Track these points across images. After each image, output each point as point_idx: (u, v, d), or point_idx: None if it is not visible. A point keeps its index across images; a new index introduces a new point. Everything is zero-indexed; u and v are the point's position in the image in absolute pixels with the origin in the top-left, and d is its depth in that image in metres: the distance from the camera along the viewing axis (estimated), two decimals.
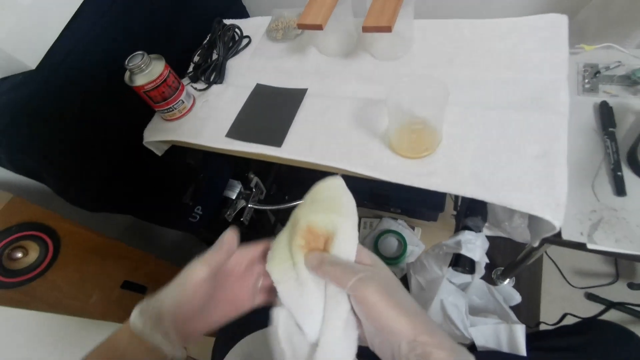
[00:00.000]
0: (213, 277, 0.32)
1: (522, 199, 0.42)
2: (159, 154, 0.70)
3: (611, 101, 0.50)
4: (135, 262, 0.87)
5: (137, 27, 0.65)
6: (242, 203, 0.89)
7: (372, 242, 1.15)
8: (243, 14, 1.01)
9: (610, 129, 0.47)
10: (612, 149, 0.46)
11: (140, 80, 0.58)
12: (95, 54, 0.59)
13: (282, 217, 1.15)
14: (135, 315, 0.31)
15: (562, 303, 1.06)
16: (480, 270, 0.56)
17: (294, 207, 0.37)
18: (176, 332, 0.31)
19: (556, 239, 0.43)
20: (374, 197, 1.01)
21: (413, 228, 1.16)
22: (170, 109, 0.63)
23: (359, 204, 0.50)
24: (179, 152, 0.70)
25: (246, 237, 0.84)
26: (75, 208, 0.67)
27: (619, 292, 1.01)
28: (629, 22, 0.65)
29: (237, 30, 0.73)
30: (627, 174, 0.44)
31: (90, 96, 0.60)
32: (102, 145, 0.64)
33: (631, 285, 0.97)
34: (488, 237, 0.92)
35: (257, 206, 0.90)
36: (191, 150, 0.66)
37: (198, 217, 0.79)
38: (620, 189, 0.43)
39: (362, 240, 1.19)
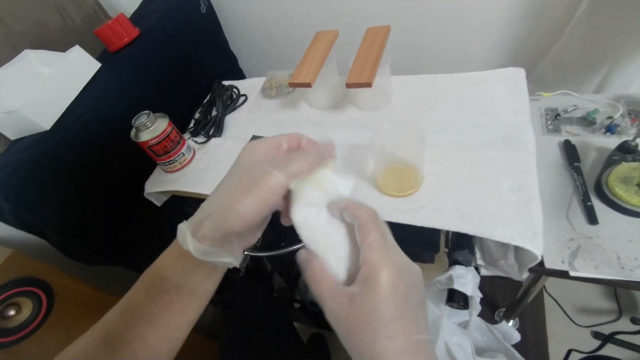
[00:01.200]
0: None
1: (502, 230, 0.45)
2: (159, 204, 0.73)
3: (573, 139, 0.55)
4: None
5: (146, 91, 0.72)
6: None
7: None
8: (240, 76, 1.11)
9: (576, 164, 0.52)
10: (579, 181, 0.50)
11: (145, 137, 0.63)
12: (105, 115, 0.65)
13: (279, 265, 1.14)
14: (193, 242, 0.26)
15: (570, 343, 1.03)
16: (476, 306, 0.57)
17: (290, 252, 0.36)
18: (241, 247, 0.28)
19: (540, 268, 0.45)
20: None
21: None
22: (172, 162, 0.68)
23: None
24: (178, 202, 0.73)
25: (242, 286, 0.83)
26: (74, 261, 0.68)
27: (624, 328, 0.98)
28: (580, 73, 0.75)
29: (234, 89, 0.81)
30: (597, 203, 0.48)
31: (98, 154, 0.65)
32: (104, 200, 0.67)
33: (634, 320, 0.96)
34: (486, 277, 0.93)
35: (253, 253, 0.90)
36: (190, 200, 0.69)
37: None
38: (592, 218, 0.46)
39: None
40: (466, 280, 0.50)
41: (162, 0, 0.84)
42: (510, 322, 0.90)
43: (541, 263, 0.45)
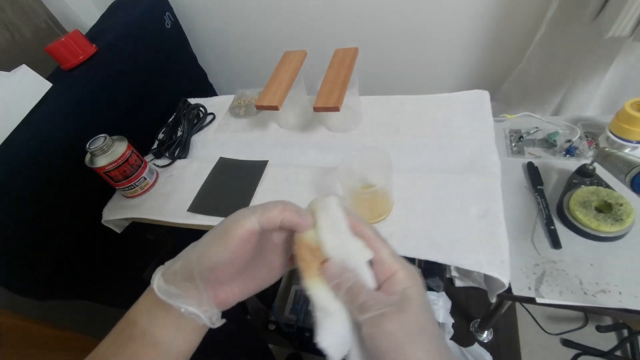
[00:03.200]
0: (260, 234, 0.27)
1: (472, 259, 0.45)
2: (119, 231, 0.68)
3: (536, 161, 0.57)
4: (87, 353, 0.78)
5: (103, 112, 0.68)
6: None
7: None
8: (210, 91, 1.08)
9: (539, 187, 0.53)
10: (542, 204, 0.51)
11: (101, 162, 0.59)
12: (57, 139, 0.60)
13: None
14: (158, 280, 0.26)
15: (541, 352, 1.05)
16: (448, 329, 0.56)
17: None
18: (210, 297, 0.27)
19: (508, 294, 0.45)
20: None
21: None
22: (132, 187, 0.64)
23: None
24: (139, 227, 0.69)
25: None
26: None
27: (590, 335, 1.02)
28: (542, 93, 0.77)
29: (201, 108, 0.78)
30: (560, 227, 0.49)
31: (47, 181, 0.60)
32: (56, 229, 0.62)
33: (599, 328, 0.99)
34: (460, 288, 0.93)
35: None
36: (153, 227, 0.65)
37: None
38: (555, 242, 0.47)
39: None
40: (438, 306, 0.49)
41: (122, 15, 0.80)
42: (485, 333, 0.90)
43: (509, 289, 0.45)
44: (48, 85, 0.63)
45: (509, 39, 0.79)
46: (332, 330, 0.26)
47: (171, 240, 0.78)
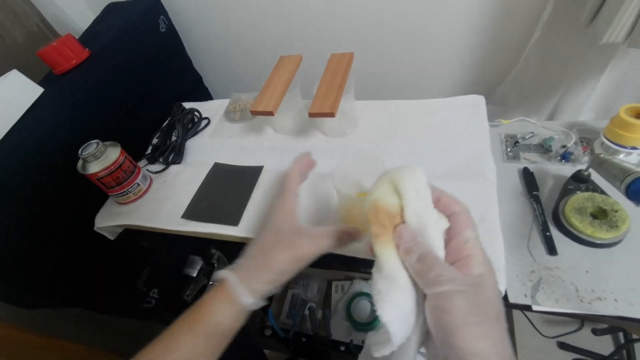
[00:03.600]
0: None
1: None
2: (112, 238, 0.67)
3: (531, 167, 0.57)
4: None
5: (96, 116, 0.67)
6: (203, 280, 0.85)
7: (345, 306, 1.12)
8: (205, 94, 1.08)
9: (535, 192, 0.53)
10: (538, 210, 0.51)
11: (93, 168, 0.58)
12: (48, 145, 0.59)
13: None
14: (244, 294, 0.34)
15: (537, 355, 1.05)
16: None
17: None
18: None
19: (505, 302, 0.45)
20: (343, 258, 1.00)
21: None
22: (125, 193, 0.63)
23: (328, 267, 0.51)
24: (132, 234, 0.68)
25: None
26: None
27: (586, 338, 1.03)
28: (537, 96, 0.78)
29: (196, 112, 0.77)
30: (555, 233, 0.49)
31: (38, 187, 0.59)
32: (47, 236, 0.61)
33: (595, 331, 1.00)
34: None
35: None
36: (146, 233, 0.64)
37: (154, 301, 0.74)
38: (551, 249, 0.47)
39: (335, 305, 1.15)
40: None
41: (116, 19, 0.79)
42: None
43: (505, 297, 0.45)
44: (39, 90, 0.62)
45: (505, 42, 0.79)
46: (397, 303, 0.25)
47: (165, 247, 0.77)
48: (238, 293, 0.33)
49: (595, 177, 0.50)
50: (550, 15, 0.66)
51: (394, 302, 0.25)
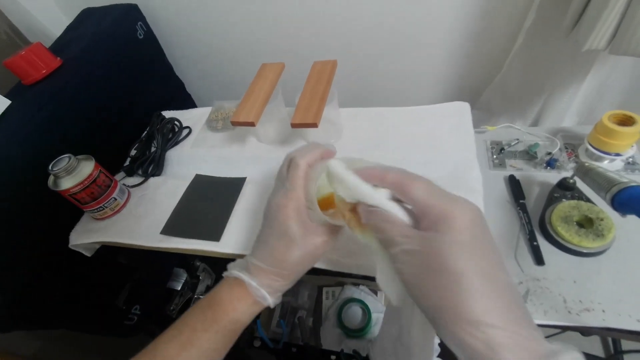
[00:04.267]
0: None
1: None
2: (89, 254, 0.64)
3: (517, 174, 0.56)
4: None
5: (67, 129, 0.64)
6: (188, 294, 0.83)
7: (336, 312, 1.10)
8: (188, 101, 1.05)
9: (521, 201, 0.53)
10: (525, 219, 0.50)
11: (66, 184, 0.55)
12: (16, 161, 0.56)
13: None
14: (267, 296, 0.35)
15: None
16: (435, 348, 0.55)
17: None
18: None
19: None
20: None
21: (376, 293, 1.14)
22: (101, 208, 0.60)
23: (319, 273, 0.49)
24: (111, 250, 0.65)
25: None
26: None
27: (574, 337, 1.03)
28: (522, 102, 0.78)
29: (176, 122, 0.75)
30: (542, 242, 0.48)
31: (7, 203, 0.56)
32: (16, 256, 0.58)
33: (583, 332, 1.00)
34: None
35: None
36: (125, 250, 0.61)
37: (135, 318, 0.71)
38: (539, 259, 0.46)
39: (326, 312, 1.13)
40: None
41: (89, 27, 0.76)
42: None
43: None
44: (6, 102, 0.58)
45: (490, 48, 0.79)
46: (381, 268, 0.29)
47: (147, 261, 0.74)
48: (262, 295, 0.34)
49: (581, 184, 0.49)
50: (533, 22, 0.66)
51: (378, 268, 0.30)
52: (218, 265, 0.97)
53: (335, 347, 1.00)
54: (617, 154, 0.52)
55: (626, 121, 0.50)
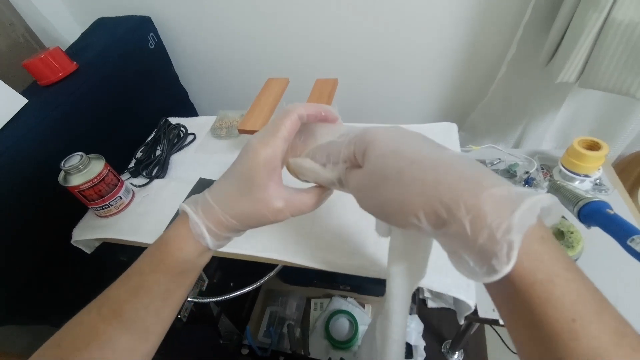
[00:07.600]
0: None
1: (440, 282, 0.47)
2: (89, 251, 0.66)
3: None
4: None
5: (81, 129, 0.67)
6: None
7: (324, 324, 1.11)
8: (191, 110, 1.09)
9: None
10: None
11: (76, 181, 0.57)
12: (29, 157, 0.59)
13: (227, 308, 1.08)
14: (207, 237, 0.31)
15: None
16: (420, 352, 0.58)
17: (240, 296, 0.38)
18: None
19: (475, 316, 0.48)
20: (322, 275, 1.02)
21: (363, 306, 1.16)
22: (106, 206, 0.63)
23: (309, 284, 0.52)
24: (112, 248, 0.67)
25: (186, 332, 0.77)
26: None
27: None
28: (504, 125, 0.84)
29: (182, 128, 0.78)
30: None
31: (17, 199, 0.58)
32: (22, 249, 0.59)
33: None
34: (433, 309, 0.96)
35: (198, 299, 0.85)
36: (126, 247, 0.63)
37: None
38: None
39: (313, 323, 1.14)
40: (410, 329, 0.51)
41: (105, 33, 0.80)
42: (456, 354, 0.93)
43: (475, 311, 0.48)
44: (23, 101, 0.61)
45: (475, 75, 0.86)
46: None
47: None
48: (200, 233, 0.31)
49: None
50: (514, 55, 0.74)
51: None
52: (212, 266, 0.99)
53: (323, 357, 1.01)
54: (586, 175, 0.58)
55: (593, 146, 0.57)
